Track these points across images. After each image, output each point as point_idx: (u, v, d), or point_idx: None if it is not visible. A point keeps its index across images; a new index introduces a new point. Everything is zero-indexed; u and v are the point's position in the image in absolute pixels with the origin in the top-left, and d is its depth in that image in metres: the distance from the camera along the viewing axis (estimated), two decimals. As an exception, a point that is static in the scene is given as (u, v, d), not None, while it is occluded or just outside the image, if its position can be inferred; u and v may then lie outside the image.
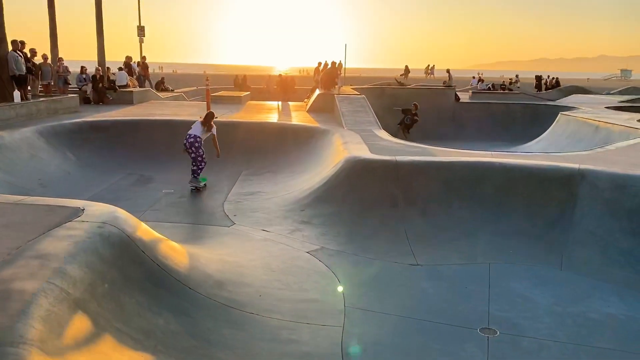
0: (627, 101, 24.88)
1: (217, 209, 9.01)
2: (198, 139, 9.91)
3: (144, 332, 4.25)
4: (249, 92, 22.85)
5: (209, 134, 10.17)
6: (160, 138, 12.58)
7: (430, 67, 49.31)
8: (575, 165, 8.34)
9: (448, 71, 31.33)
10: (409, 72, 44.27)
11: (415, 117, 19.21)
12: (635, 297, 6.27)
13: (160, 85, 24.93)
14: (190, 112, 15.58)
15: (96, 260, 4.32)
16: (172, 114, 15.08)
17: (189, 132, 10.03)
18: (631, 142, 11.78)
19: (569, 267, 6.92)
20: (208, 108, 14.17)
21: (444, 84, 29.30)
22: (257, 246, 7.30)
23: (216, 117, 10.81)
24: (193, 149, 9.86)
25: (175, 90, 25.32)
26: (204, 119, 10.24)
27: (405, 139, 15.57)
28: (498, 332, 5.25)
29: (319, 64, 23.15)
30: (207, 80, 15.85)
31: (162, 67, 68.68)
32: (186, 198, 9.74)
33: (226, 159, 11.79)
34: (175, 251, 5.66)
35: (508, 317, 5.57)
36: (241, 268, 6.35)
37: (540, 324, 5.48)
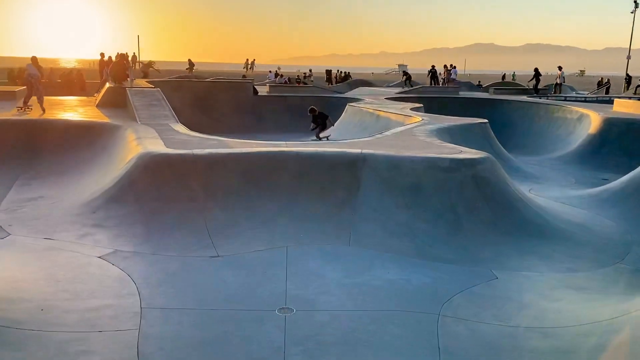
0: (403, 92, 28.19)
1: (-13, 220, 7.85)
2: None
3: None
4: (25, 87, 20.23)
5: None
6: None
7: (250, 62, 49.20)
8: (358, 150, 9.16)
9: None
10: (194, 65, 44.29)
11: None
12: (411, 263, 7.14)
13: None
14: (-52, 110, 13.28)
15: None
16: None
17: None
18: (404, 128, 13.37)
19: (356, 243, 7.60)
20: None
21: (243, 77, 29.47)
22: (38, 257, 6.56)
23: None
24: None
25: None
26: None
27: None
28: (295, 310, 5.54)
29: (102, 55, 21.77)
30: (-33, 72, 13.62)
31: None
32: (-54, 211, 8.30)
33: (-3, 162, 10.40)
34: None
35: (303, 295, 5.91)
36: (18, 283, 5.65)
37: (332, 296, 5.93)
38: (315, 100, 25.09)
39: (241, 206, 8.22)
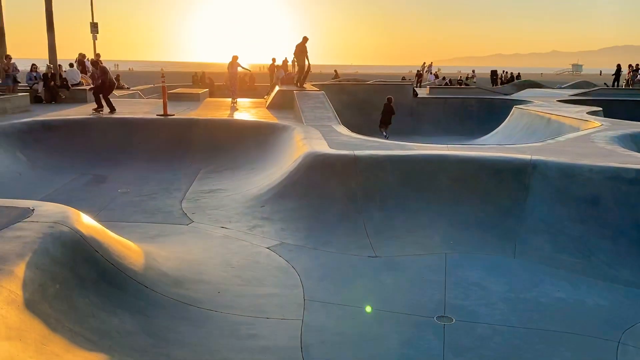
0: (578, 94, 25.79)
1: (175, 208, 8.88)
2: None
3: (98, 332, 4.17)
4: (207, 89, 22.57)
5: None
6: (114, 137, 12.29)
7: (427, 66, 43.83)
8: (527, 156, 8.59)
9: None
10: (339, 76, 40.96)
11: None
12: (584, 282, 6.52)
13: (116, 83, 24.32)
14: (146, 109, 15.28)
15: (47, 260, 4.21)
16: (127, 112, 14.75)
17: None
18: (580, 133, 12.22)
19: (522, 255, 7.15)
20: (164, 105, 13.93)
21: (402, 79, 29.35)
22: (216, 243, 7.24)
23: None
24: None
25: (131, 88, 24.76)
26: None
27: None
28: (454, 320, 5.38)
29: (273, 60, 23.17)
30: (162, 77, 15.56)
31: (117, 65, 67.01)
32: (143, 197, 9.56)
33: (184, 156, 11.67)
34: (131, 250, 5.56)
35: (464, 305, 5.72)
36: (199, 266, 6.29)
37: (495, 310, 5.65)
38: (477, 101, 24.20)
39: (399, 209, 8.22)
